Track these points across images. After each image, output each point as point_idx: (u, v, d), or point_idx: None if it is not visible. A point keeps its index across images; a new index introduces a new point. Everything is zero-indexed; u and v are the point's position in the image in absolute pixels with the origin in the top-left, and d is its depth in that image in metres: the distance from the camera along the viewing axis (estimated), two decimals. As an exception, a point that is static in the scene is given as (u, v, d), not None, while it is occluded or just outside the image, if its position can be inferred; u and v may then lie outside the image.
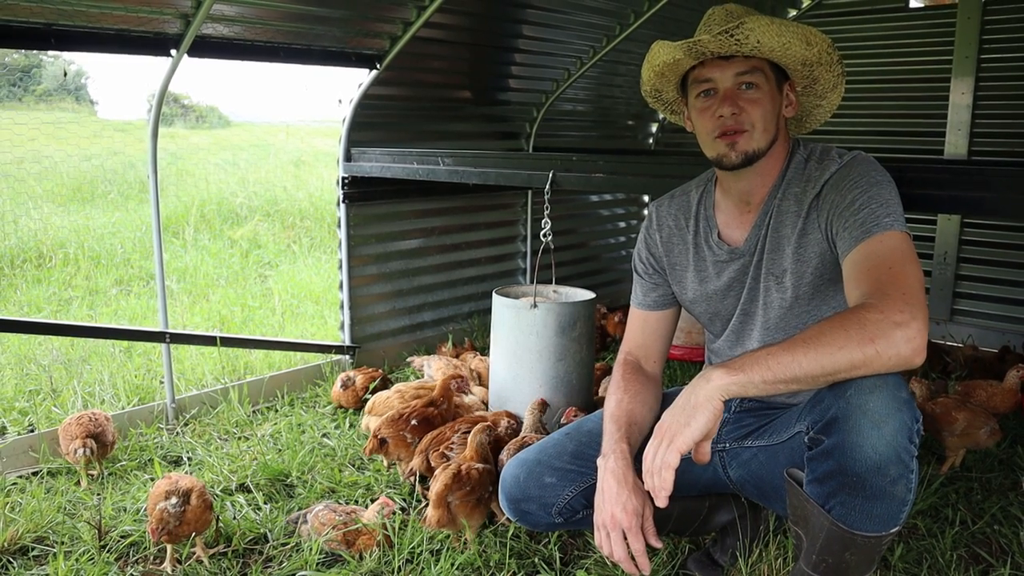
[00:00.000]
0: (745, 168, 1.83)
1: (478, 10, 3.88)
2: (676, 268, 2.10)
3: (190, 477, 2.38)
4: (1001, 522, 2.61)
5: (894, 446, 1.45)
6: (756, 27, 1.69)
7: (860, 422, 1.46)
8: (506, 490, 2.09)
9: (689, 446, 1.52)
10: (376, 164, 3.76)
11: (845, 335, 1.44)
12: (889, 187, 1.71)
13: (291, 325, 5.07)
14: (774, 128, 1.82)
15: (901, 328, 1.43)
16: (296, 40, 3.49)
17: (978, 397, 3.13)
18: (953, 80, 4.64)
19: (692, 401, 1.52)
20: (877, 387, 1.47)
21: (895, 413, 1.46)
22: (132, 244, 7.12)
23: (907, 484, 1.48)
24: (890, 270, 1.54)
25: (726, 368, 1.50)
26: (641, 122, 5.70)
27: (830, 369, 1.45)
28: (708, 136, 1.85)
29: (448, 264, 4.55)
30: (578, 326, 3.22)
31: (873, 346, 1.42)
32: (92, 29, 2.94)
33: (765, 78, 1.79)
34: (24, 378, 3.83)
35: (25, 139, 8.29)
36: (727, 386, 1.49)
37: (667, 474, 1.53)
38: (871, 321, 1.44)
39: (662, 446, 1.55)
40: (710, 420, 1.50)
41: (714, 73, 1.80)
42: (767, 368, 1.46)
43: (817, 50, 1.78)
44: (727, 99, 1.79)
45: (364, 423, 3.20)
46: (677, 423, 1.54)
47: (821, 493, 1.55)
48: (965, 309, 4.79)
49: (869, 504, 1.48)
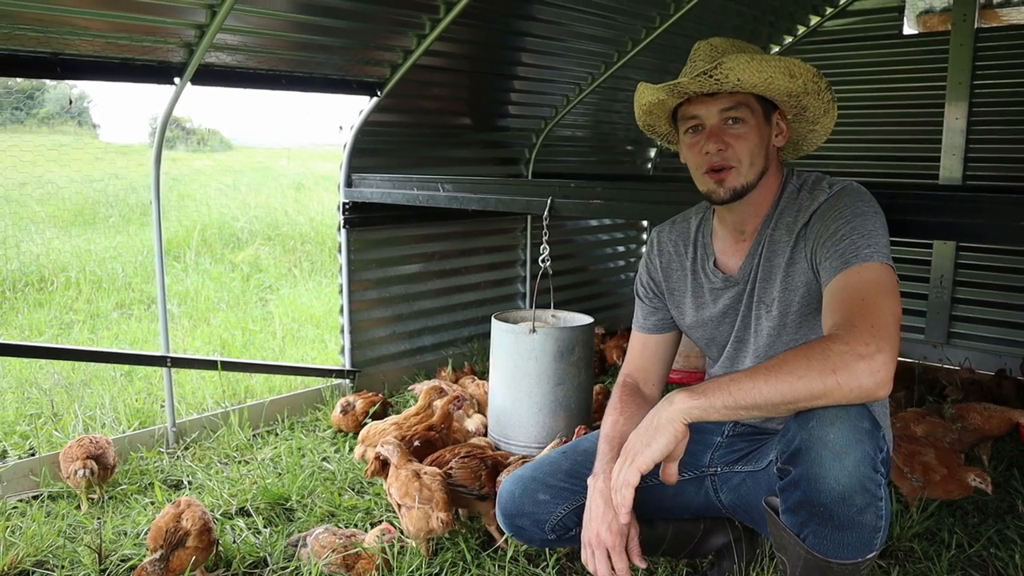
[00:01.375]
0: (735, 202, 1.86)
1: (478, 38, 3.94)
2: (675, 293, 2.13)
3: (192, 509, 2.37)
4: (998, 545, 2.62)
5: (857, 476, 1.46)
6: (735, 66, 1.71)
7: (821, 453, 1.48)
8: (502, 505, 2.12)
9: (649, 466, 1.55)
10: (376, 190, 3.80)
11: (807, 364, 1.46)
12: (875, 218, 1.72)
13: (292, 349, 5.08)
14: (763, 160, 1.85)
15: (865, 360, 1.44)
16: (298, 68, 3.54)
17: (973, 420, 3.15)
18: (947, 106, 4.69)
19: (655, 423, 1.56)
20: (839, 418, 1.48)
21: (856, 444, 1.47)
22: (133, 268, 7.15)
23: (876, 511, 1.48)
24: (862, 301, 1.56)
25: (689, 392, 1.53)
26: (640, 147, 5.75)
27: (790, 398, 1.47)
28: (697, 171, 1.88)
29: (448, 289, 4.58)
30: (577, 351, 3.24)
31: (834, 377, 1.44)
32: (97, 58, 2.99)
33: (751, 112, 1.81)
34: (25, 402, 3.85)
35: (27, 163, 8.34)
36: (689, 409, 1.52)
37: (626, 492, 1.58)
38: (835, 352, 1.45)
39: (624, 464, 1.60)
40: (671, 442, 1.54)
41: (699, 110, 1.83)
42: (728, 394, 1.49)
43: (802, 81, 1.80)
44: (712, 136, 1.82)
45: (358, 453, 3.20)
46: (640, 443, 1.58)
47: (794, 523, 1.56)
48: (962, 332, 4.82)
49: (840, 533, 1.49)
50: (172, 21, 2.94)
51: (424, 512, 2.42)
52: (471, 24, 3.73)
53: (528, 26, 3.98)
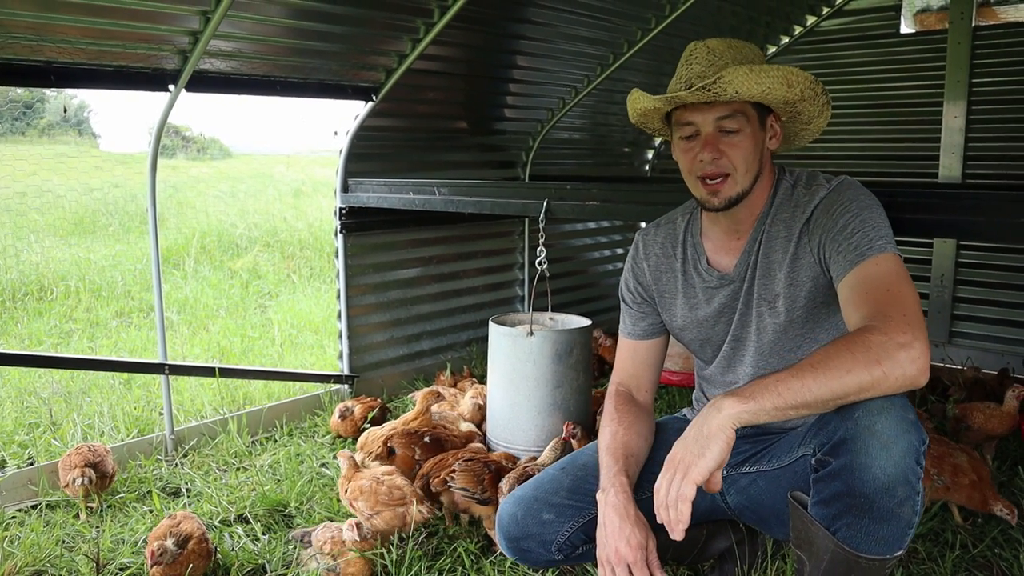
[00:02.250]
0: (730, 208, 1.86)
1: (473, 41, 3.93)
2: (665, 296, 2.11)
3: (191, 522, 2.37)
4: (1002, 545, 2.60)
5: (902, 467, 1.46)
6: (734, 79, 1.71)
7: (869, 443, 1.47)
8: (504, 529, 2.06)
9: (705, 476, 1.50)
10: (373, 194, 3.80)
11: (852, 358, 1.45)
12: (878, 210, 1.74)
13: (290, 355, 5.08)
14: (757, 165, 1.85)
15: (905, 349, 1.44)
16: (293, 74, 3.54)
17: (975, 420, 3.13)
18: (946, 104, 4.68)
19: (705, 431, 1.51)
20: (885, 408, 1.49)
21: (903, 434, 1.47)
22: (133, 276, 7.15)
23: (913, 506, 1.49)
24: (888, 292, 1.56)
25: (737, 396, 1.50)
26: (637, 149, 5.74)
27: (840, 393, 1.46)
28: (690, 175, 1.88)
29: (446, 293, 4.56)
30: (575, 353, 3.23)
31: (880, 368, 1.44)
32: (91, 66, 2.98)
33: (747, 119, 1.81)
34: (24, 411, 3.84)
35: (27, 173, 8.36)
36: (739, 414, 1.49)
37: (684, 506, 1.51)
38: (876, 343, 1.46)
39: (676, 478, 1.53)
40: (724, 449, 1.50)
41: (696, 117, 1.83)
42: (777, 395, 1.47)
43: (799, 89, 1.79)
44: (708, 144, 1.81)
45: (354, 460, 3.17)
46: (691, 454, 1.52)
47: (827, 515, 1.55)
48: (963, 331, 4.79)
49: (876, 526, 1.49)
50: (166, 28, 2.93)
51: (399, 513, 2.48)
52: (466, 28, 3.72)
53: (523, 29, 3.97)
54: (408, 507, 2.48)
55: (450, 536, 2.66)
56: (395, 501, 2.49)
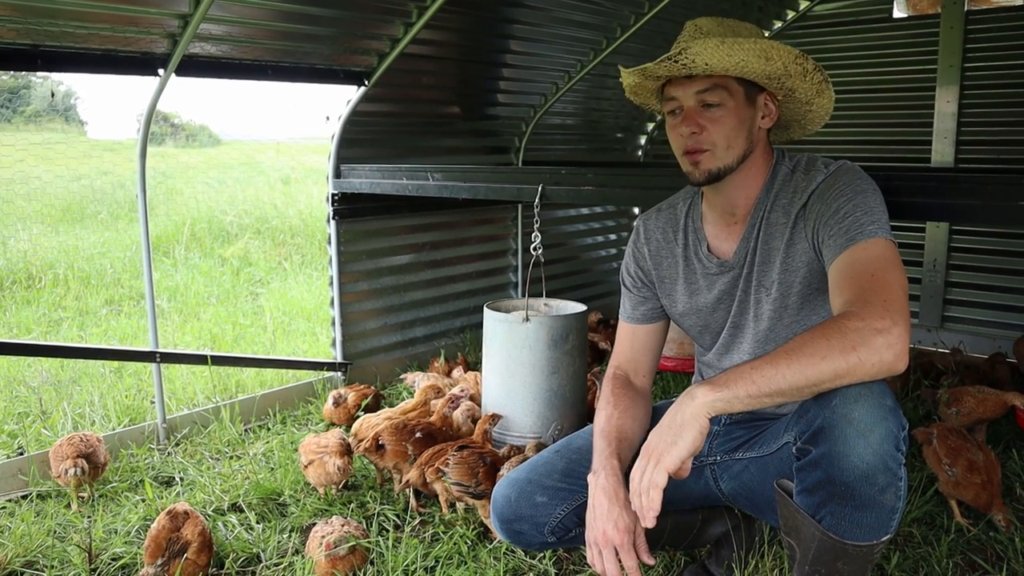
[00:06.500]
0: (717, 183, 1.85)
1: (465, 26, 3.90)
2: (665, 281, 2.10)
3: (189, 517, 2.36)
4: (996, 529, 2.61)
5: (881, 454, 1.45)
6: (702, 51, 1.69)
7: (846, 431, 1.46)
8: (498, 510, 2.06)
9: (676, 465, 1.51)
10: (366, 180, 3.77)
11: (827, 344, 1.44)
12: (874, 195, 1.72)
13: (282, 343, 5.05)
14: (743, 142, 1.82)
15: (882, 335, 1.43)
16: (284, 58, 3.50)
17: (967, 404, 3.14)
18: (938, 89, 4.67)
19: (678, 420, 1.52)
20: (862, 396, 1.47)
21: (880, 422, 1.46)
22: (122, 264, 7.10)
23: (896, 492, 1.48)
24: (872, 277, 1.55)
25: (710, 385, 1.49)
26: (630, 134, 5.73)
27: (814, 380, 1.45)
28: (677, 152, 1.88)
29: (439, 279, 4.54)
30: (570, 339, 3.22)
31: (855, 354, 1.43)
32: (79, 50, 2.94)
33: (729, 94, 1.79)
34: (13, 400, 3.81)
35: (14, 160, 8.25)
36: (712, 403, 1.48)
37: (655, 494, 1.52)
38: (852, 329, 1.44)
39: (649, 466, 1.54)
40: (697, 438, 1.50)
41: (677, 92, 1.82)
42: (751, 382, 1.46)
43: (781, 63, 1.76)
44: (688, 119, 1.81)
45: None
46: (664, 442, 1.53)
47: (811, 503, 1.54)
48: (956, 316, 4.81)
49: (859, 513, 1.48)
50: (155, 11, 2.89)
51: (322, 461, 2.78)
52: (459, 12, 3.68)
53: (516, 13, 3.94)
54: (331, 458, 2.76)
55: (446, 523, 2.66)
56: (320, 451, 2.81)
